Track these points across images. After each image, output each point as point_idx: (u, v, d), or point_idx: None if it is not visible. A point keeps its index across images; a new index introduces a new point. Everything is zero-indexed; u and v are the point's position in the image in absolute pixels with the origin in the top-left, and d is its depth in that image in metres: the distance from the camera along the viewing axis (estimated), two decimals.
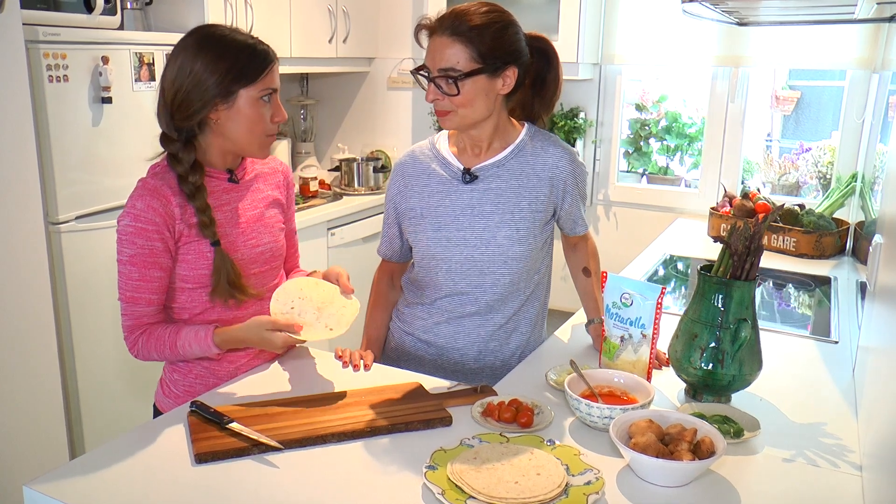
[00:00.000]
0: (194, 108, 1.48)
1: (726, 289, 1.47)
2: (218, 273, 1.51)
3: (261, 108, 1.51)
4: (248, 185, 1.64)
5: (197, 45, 1.48)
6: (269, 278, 1.65)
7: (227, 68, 1.47)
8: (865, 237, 2.41)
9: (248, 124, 1.52)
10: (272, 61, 1.52)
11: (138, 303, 1.50)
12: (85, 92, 2.41)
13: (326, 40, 3.65)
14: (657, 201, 3.61)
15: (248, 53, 1.49)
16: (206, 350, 1.51)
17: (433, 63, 1.60)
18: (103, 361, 2.57)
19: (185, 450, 1.29)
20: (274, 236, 1.65)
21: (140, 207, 1.47)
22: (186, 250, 1.52)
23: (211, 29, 1.52)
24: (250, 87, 1.49)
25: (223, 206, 1.58)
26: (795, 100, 5.03)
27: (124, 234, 1.48)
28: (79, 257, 2.45)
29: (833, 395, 1.63)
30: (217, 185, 1.58)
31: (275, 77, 1.53)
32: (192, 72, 1.47)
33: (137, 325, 1.52)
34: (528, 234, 1.72)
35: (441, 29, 1.59)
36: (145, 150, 2.67)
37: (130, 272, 1.48)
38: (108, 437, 2.59)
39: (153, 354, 1.53)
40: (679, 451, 1.22)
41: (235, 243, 1.57)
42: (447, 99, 1.61)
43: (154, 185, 1.50)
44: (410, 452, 1.29)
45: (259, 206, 1.64)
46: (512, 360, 1.80)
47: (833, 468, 1.31)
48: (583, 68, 3.41)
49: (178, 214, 1.50)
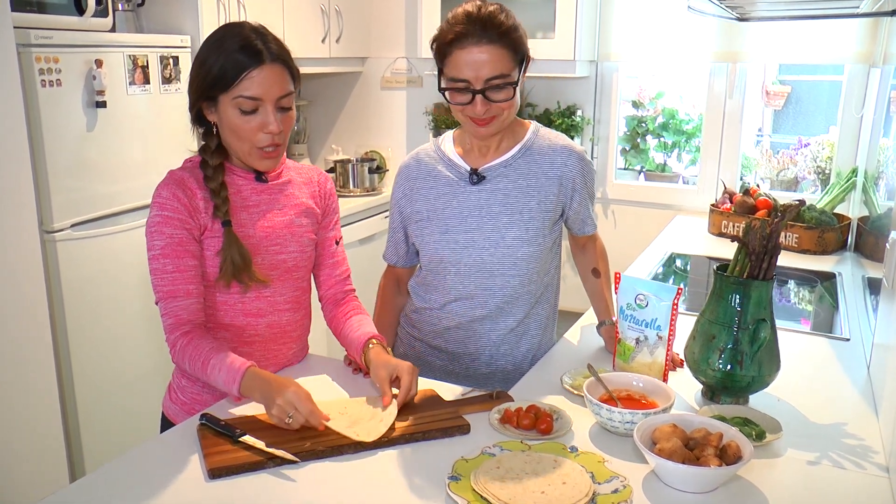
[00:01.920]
0: (190, 102, 1.46)
1: (744, 289, 1.45)
2: (225, 252, 1.44)
3: (241, 118, 1.41)
4: (281, 189, 1.56)
5: (205, 40, 1.44)
6: (287, 288, 1.57)
7: (206, 73, 1.41)
8: (870, 232, 2.40)
9: (231, 132, 1.44)
10: (253, 65, 1.39)
11: (178, 296, 1.42)
12: (78, 96, 2.35)
13: (319, 40, 3.61)
14: (655, 199, 3.59)
15: (226, 54, 1.39)
16: (231, 382, 1.36)
17: (479, 74, 1.54)
18: (102, 373, 2.52)
19: (197, 465, 1.25)
20: (302, 247, 1.57)
21: (165, 196, 1.43)
22: (207, 245, 1.46)
23: (226, 26, 1.46)
24: (226, 94, 1.40)
25: (250, 206, 1.51)
26: (786, 95, 5.03)
27: (153, 225, 1.43)
28: (75, 266, 2.40)
29: (850, 393, 1.61)
30: (244, 184, 1.52)
31: (258, 83, 1.40)
32: (193, 67, 1.45)
33: (179, 322, 1.42)
34: (538, 235, 1.69)
35: (477, 37, 1.53)
36: (142, 155, 2.62)
37: (164, 265, 1.42)
38: (108, 451, 2.54)
39: (185, 363, 1.42)
40: (705, 456, 1.20)
41: (258, 245, 1.50)
42: (493, 106, 1.58)
43: (180, 175, 1.46)
44: (430, 462, 1.26)
45: (290, 212, 1.57)
46: (524, 363, 1.77)
47: (859, 470, 1.29)
48: (580, 66, 3.39)
49: (202, 207, 1.45)
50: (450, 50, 1.56)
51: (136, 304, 2.61)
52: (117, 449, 2.56)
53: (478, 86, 1.55)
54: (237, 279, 1.46)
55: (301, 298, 1.61)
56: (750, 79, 3.40)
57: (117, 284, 2.54)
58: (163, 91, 2.65)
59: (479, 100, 1.56)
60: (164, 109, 2.67)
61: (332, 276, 1.68)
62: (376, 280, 1.93)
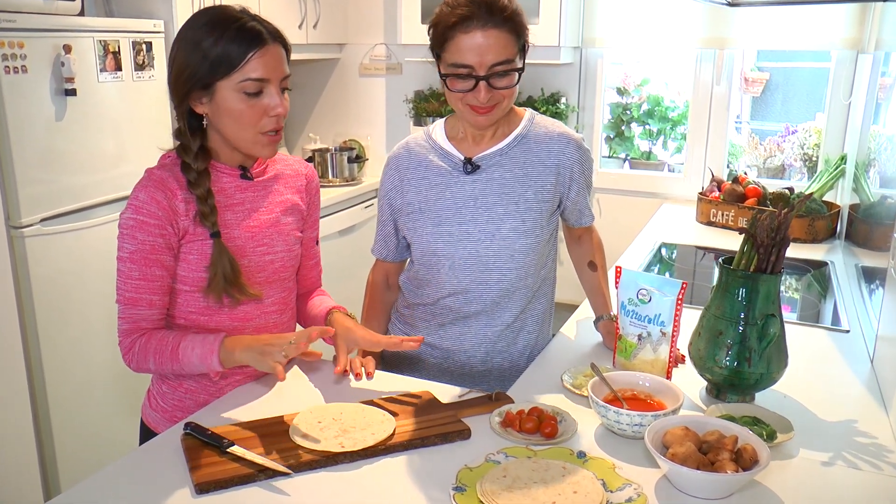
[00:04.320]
0: (178, 96, 1.36)
1: (752, 283, 1.40)
2: (214, 266, 1.37)
3: (245, 102, 1.34)
4: (267, 186, 1.48)
5: (189, 26, 1.35)
6: (275, 290, 1.50)
7: (201, 59, 1.32)
8: (862, 220, 2.37)
9: (234, 121, 1.36)
10: (257, 45, 1.32)
11: (138, 304, 1.36)
12: (46, 83, 2.24)
13: (296, 25, 3.51)
14: (641, 187, 3.55)
15: (228, 37, 1.31)
16: (208, 354, 1.34)
17: (483, 59, 1.47)
18: (76, 377, 2.41)
19: (183, 479, 1.16)
20: (289, 246, 1.51)
21: (143, 199, 1.34)
22: (189, 249, 1.38)
23: (212, 9, 1.36)
24: (227, 79, 1.32)
25: (235, 205, 1.43)
26: (764, 81, 5.03)
27: (125, 227, 1.34)
28: (45, 263, 2.29)
29: (856, 388, 1.58)
30: (228, 182, 1.43)
31: (264, 63, 1.33)
32: (175, 58, 1.35)
33: (135, 328, 1.38)
34: (535, 226, 1.63)
35: (482, 21, 1.46)
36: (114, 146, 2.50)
37: (130, 270, 1.35)
38: (86, 459, 2.43)
39: (149, 360, 1.37)
40: (720, 460, 1.14)
41: (244, 248, 1.43)
42: (495, 93, 1.51)
43: (160, 176, 1.36)
44: (432, 471, 1.19)
45: (275, 210, 1.49)
46: (520, 360, 1.71)
47: (875, 471, 1.24)
48: (564, 52, 3.32)
49: (183, 210, 1.36)
50: (452, 34, 1.49)
51: (110, 303, 2.48)
52: (95, 456, 2.47)
53: (482, 72, 1.48)
54: (227, 294, 1.39)
55: (288, 299, 1.55)
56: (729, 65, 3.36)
57: (90, 282, 2.43)
58: (136, 78, 2.54)
59: (482, 86, 1.49)
60: (137, 97, 2.56)
61: (308, 276, 1.65)
62: (357, 273, 1.85)
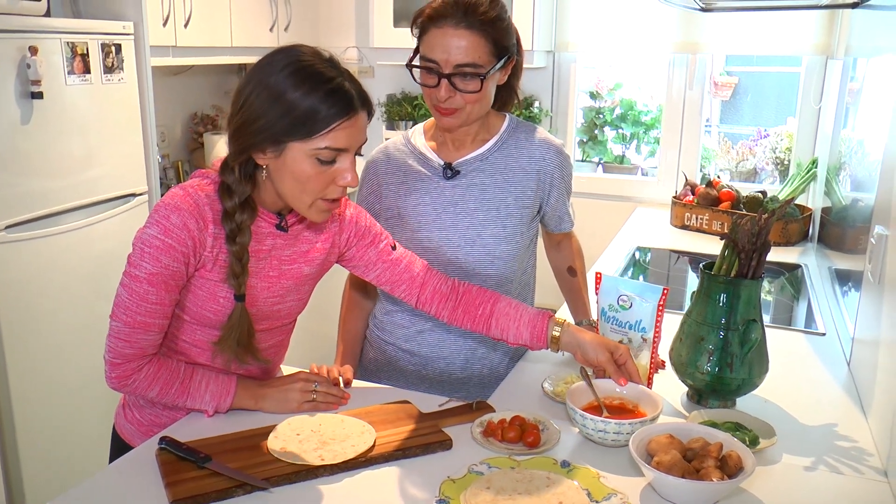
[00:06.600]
0: (242, 144, 1.25)
1: (733, 288, 1.40)
2: (231, 329, 1.29)
3: (316, 168, 1.23)
4: (295, 236, 1.38)
5: (272, 69, 1.22)
6: (274, 335, 1.45)
7: (281, 113, 1.20)
8: (834, 223, 2.39)
9: (296, 183, 1.24)
10: (346, 114, 1.21)
11: (149, 329, 1.26)
12: (10, 86, 2.17)
13: (268, 28, 3.47)
14: (615, 191, 3.56)
15: (317, 97, 1.20)
16: (224, 395, 1.34)
17: (449, 58, 1.46)
18: (43, 389, 2.33)
19: (158, 496, 1.13)
20: (300, 297, 1.43)
21: (174, 223, 1.22)
22: (200, 285, 1.29)
23: (301, 55, 1.23)
24: (304, 142, 1.21)
25: (260, 251, 1.33)
26: (733, 86, 5.09)
27: (149, 246, 1.22)
28: (11, 272, 2.21)
29: (834, 391, 1.59)
30: (262, 227, 1.33)
31: (348, 135, 1.23)
32: (249, 103, 1.22)
33: (139, 354, 1.27)
34: (516, 232, 1.61)
35: (456, 20, 1.45)
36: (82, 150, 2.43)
37: (147, 293, 1.23)
38: (54, 475, 2.36)
39: (153, 389, 1.29)
40: (705, 468, 1.13)
41: (257, 297, 1.34)
42: (459, 96, 1.48)
43: (196, 202, 1.25)
44: (414, 483, 1.17)
45: (299, 261, 1.39)
46: (500, 366, 1.70)
47: (857, 475, 1.25)
48: (537, 56, 3.32)
49: (210, 244, 1.26)
50: (427, 27, 1.48)
51: (80, 313, 2.44)
52: (64, 470, 2.40)
53: (446, 70, 1.47)
54: (237, 357, 1.32)
55: (283, 342, 1.50)
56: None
57: (58, 291, 2.36)
58: (105, 81, 2.48)
59: (443, 84, 1.48)
60: (106, 101, 2.50)
61: (414, 284, 1.50)
62: (335, 280, 1.82)
